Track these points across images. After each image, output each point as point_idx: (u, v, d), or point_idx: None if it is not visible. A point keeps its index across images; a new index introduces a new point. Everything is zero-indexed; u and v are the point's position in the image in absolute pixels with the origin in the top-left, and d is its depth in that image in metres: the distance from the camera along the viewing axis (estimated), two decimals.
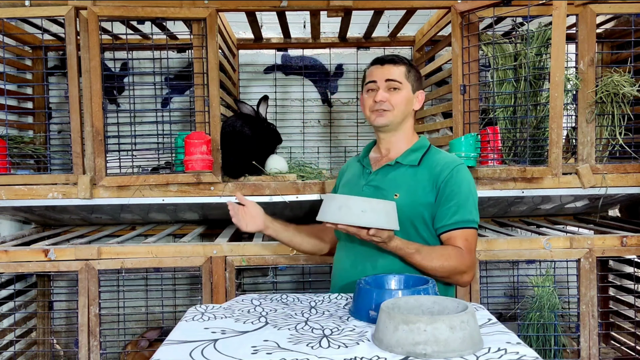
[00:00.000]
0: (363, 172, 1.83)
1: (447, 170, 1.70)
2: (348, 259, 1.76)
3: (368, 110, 1.78)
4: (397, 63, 1.77)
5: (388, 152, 1.82)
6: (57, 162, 2.81)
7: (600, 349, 2.39)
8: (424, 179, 1.71)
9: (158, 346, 1.26)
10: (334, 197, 1.51)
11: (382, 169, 1.78)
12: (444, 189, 1.68)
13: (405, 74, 1.76)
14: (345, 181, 1.90)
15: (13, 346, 2.55)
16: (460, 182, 1.69)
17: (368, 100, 1.78)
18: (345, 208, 1.47)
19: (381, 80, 1.75)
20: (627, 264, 2.86)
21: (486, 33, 2.52)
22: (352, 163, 1.95)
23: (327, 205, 1.51)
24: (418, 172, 1.74)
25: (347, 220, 1.47)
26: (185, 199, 2.39)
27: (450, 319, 1.13)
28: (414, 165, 1.75)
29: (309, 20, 2.99)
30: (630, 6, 2.40)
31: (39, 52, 2.95)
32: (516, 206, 2.81)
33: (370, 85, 1.77)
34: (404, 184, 1.72)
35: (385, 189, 1.73)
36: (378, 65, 1.78)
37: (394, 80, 1.74)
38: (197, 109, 2.37)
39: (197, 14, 2.33)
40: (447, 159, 1.75)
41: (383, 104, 1.73)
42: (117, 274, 2.75)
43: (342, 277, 1.77)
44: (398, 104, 1.74)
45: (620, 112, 2.42)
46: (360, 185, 1.79)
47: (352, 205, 1.47)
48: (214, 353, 1.17)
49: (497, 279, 3.29)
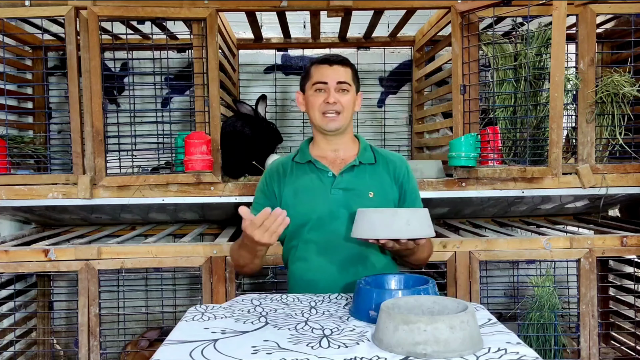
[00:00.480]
0: (322, 175, 1.78)
1: (403, 167, 1.83)
2: (333, 264, 1.73)
3: (317, 112, 1.75)
4: (345, 65, 1.77)
5: (337, 152, 1.81)
6: (57, 162, 2.81)
7: (600, 349, 2.39)
8: (385, 175, 1.79)
9: (158, 346, 1.26)
10: (375, 213, 1.51)
11: (348, 170, 1.77)
12: (406, 185, 1.80)
13: (352, 75, 1.78)
14: (301, 187, 1.78)
15: (13, 346, 2.55)
16: (413, 177, 1.85)
17: (317, 101, 1.75)
18: (390, 222, 1.47)
19: (333, 81, 1.74)
20: (627, 264, 2.86)
21: (486, 33, 2.52)
22: (289, 164, 1.84)
23: (366, 221, 1.50)
24: (378, 169, 1.80)
25: (394, 235, 1.47)
26: (185, 199, 2.39)
27: (450, 319, 1.13)
28: (372, 164, 1.80)
29: (309, 20, 3.00)
30: (630, 6, 2.40)
31: (39, 52, 2.95)
32: (516, 206, 2.81)
33: (319, 86, 1.75)
34: (374, 183, 1.77)
35: (358, 189, 1.75)
36: (327, 65, 1.75)
37: (345, 82, 1.75)
38: (197, 109, 2.37)
39: (197, 14, 2.33)
40: (393, 154, 1.88)
41: (335, 105, 1.73)
42: (117, 274, 2.75)
43: (330, 285, 1.71)
44: (347, 106, 1.76)
45: (620, 112, 2.42)
46: (325, 188, 1.76)
47: (397, 218, 1.47)
48: (214, 353, 1.17)
49: (497, 279, 3.29)
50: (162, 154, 2.52)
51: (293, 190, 1.79)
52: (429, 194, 2.44)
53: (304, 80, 1.82)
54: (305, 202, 1.76)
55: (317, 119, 1.77)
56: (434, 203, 2.72)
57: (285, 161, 1.87)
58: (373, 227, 1.48)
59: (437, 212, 2.93)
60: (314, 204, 1.74)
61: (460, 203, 2.69)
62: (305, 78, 1.82)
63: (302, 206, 1.75)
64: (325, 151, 1.82)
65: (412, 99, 3.42)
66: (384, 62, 3.47)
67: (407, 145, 3.51)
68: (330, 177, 1.77)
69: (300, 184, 1.79)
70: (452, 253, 2.30)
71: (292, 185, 1.80)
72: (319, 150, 1.83)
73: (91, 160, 2.33)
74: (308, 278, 1.75)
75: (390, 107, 3.52)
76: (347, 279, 1.71)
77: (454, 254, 2.30)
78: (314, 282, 1.74)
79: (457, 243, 2.31)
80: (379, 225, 1.47)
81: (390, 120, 3.51)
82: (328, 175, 1.77)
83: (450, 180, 2.42)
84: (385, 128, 3.50)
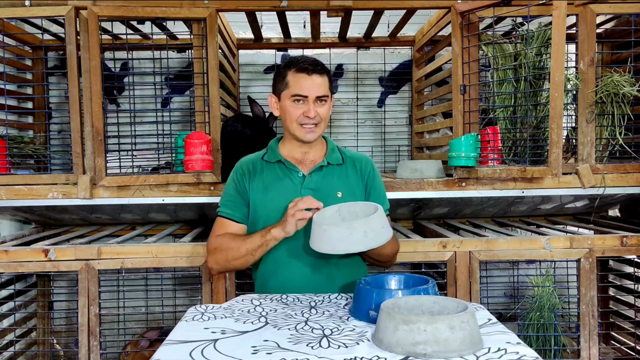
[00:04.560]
0: (292, 175, 1.80)
1: (368, 166, 1.88)
2: (306, 265, 1.75)
3: (295, 123, 1.76)
4: (323, 73, 1.76)
5: (307, 153, 1.83)
6: (57, 162, 2.81)
7: (600, 349, 2.38)
8: (353, 175, 1.83)
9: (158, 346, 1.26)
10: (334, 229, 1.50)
11: (317, 171, 1.80)
12: (371, 183, 1.85)
13: (328, 84, 1.78)
14: (270, 186, 1.80)
15: (13, 346, 2.54)
16: (379, 176, 1.89)
17: (295, 112, 1.75)
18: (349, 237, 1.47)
19: (312, 95, 1.73)
20: (627, 264, 2.86)
21: (486, 33, 2.52)
22: (258, 163, 1.86)
23: (326, 234, 1.50)
24: (346, 169, 1.83)
25: (353, 249, 1.48)
26: (185, 199, 2.39)
27: (450, 319, 1.13)
28: (340, 164, 1.84)
29: (309, 20, 3.00)
30: (630, 6, 2.40)
31: (39, 52, 2.95)
32: (516, 206, 2.81)
33: (298, 98, 1.74)
34: (342, 183, 1.80)
35: (326, 189, 1.77)
36: (305, 74, 1.73)
37: (325, 96, 1.76)
38: (197, 109, 2.37)
39: (197, 14, 2.33)
40: (360, 154, 1.93)
41: (314, 118, 1.75)
42: (117, 274, 2.75)
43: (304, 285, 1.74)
44: (325, 117, 1.78)
45: (620, 112, 2.42)
46: (295, 188, 1.78)
47: (355, 232, 1.47)
48: (214, 353, 1.17)
49: (497, 279, 3.29)
50: (162, 154, 2.52)
51: (262, 188, 1.81)
52: (429, 194, 2.44)
53: (279, 85, 1.79)
54: (276, 201, 1.77)
55: (294, 129, 1.77)
56: (434, 203, 2.72)
57: (254, 159, 1.88)
58: (332, 242, 1.49)
59: (437, 212, 2.93)
60: (285, 203, 1.71)
61: (460, 203, 2.70)
62: (280, 83, 1.78)
63: (272, 204, 1.77)
64: (295, 152, 1.84)
65: (412, 99, 3.42)
66: (384, 62, 3.47)
67: (407, 145, 3.51)
68: (300, 177, 1.80)
69: (269, 183, 1.80)
70: (452, 253, 2.30)
71: (261, 184, 1.81)
72: (289, 151, 1.84)
73: (91, 160, 2.33)
74: (280, 278, 1.77)
75: (390, 107, 3.52)
76: (321, 280, 1.75)
77: (454, 254, 2.30)
78: (285, 281, 1.76)
79: (457, 243, 2.31)
80: (337, 240, 1.48)
81: (390, 120, 3.51)
82: (298, 175, 1.80)
83: (450, 180, 2.42)
84: (385, 128, 3.51)
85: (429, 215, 3.01)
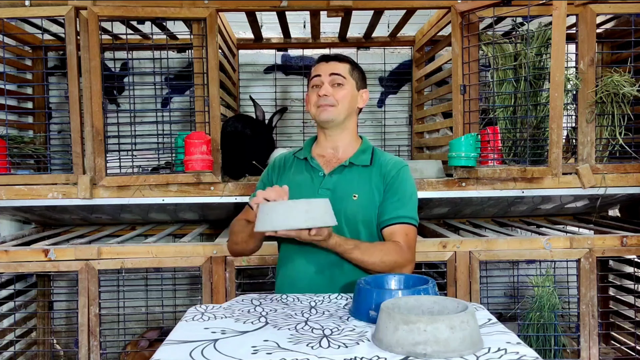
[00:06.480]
0: (314, 174, 1.78)
1: (394, 170, 1.76)
2: (311, 264, 1.72)
3: (313, 106, 1.76)
4: (342, 60, 1.78)
5: (336, 151, 1.81)
6: (57, 162, 2.81)
7: (600, 349, 2.39)
8: (377, 179, 1.75)
9: (158, 346, 1.26)
10: (273, 205, 1.47)
11: (337, 171, 1.76)
12: (390, 185, 1.73)
13: (349, 70, 1.78)
14: (293, 183, 1.77)
15: (13, 346, 2.54)
16: (405, 181, 1.75)
17: (312, 96, 1.76)
18: (287, 213, 1.43)
19: (325, 74, 1.75)
20: (627, 264, 2.86)
21: (486, 33, 2.52)
22: (290, 159, 1.86)
23: (265, 213, 1.47)
24: (371, 172, 1.76)
25: (291, 225, 1.43)
26: (185, 199, 2.39)
27: (450, 319, 1.13)
28: (367, 166, 1.77)
29: (309, 20, 3.00)
30: (630, 6, 2.40)
31: (39, 52, 2.95)
32: (516, 206, 2.81)
33: (314, 81, 1.76)
34: (362, 185, 1.74)
35: (343, 190, 1.73)
36: (323, 62, 1.78)
37: (338, 75, 1.75)
38: (197, 109, 2.37)
39: (197, 14, 2.33)
40: (395, 159, 1.81)
41: (327, 98, 1.73)
42: (117, 274, 2.75)
43: (307, 284, 1.72)
44: (342, 100, 1.74)
45: (620, 112, 2.42)
46: (314, 188, 1.76)
47: (294, 209, 1.43)
48: (214, 353, 1.17)
49: (497, 279, 3.29)
50: (162, 154, 2.52)
51: (287, 183, 1.78)
52: (429, 194, 2.44)
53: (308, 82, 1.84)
54: (292, 198, 1.75)
55: (312, 112, 1.78)
56: (434, 203, 2.72)
57: (288, 155, 1.89)
58: (271, 220, 1.45)
59: (437, 212, 2.93)
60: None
61: (460, 203, 2.70)
62: (308, 78, 1.83)
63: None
64: (325, 149, 1.82)
65: (412, 99, 3.42)
66: (384, 62, 3.47)
67: (407, 145, 3.51)
68: (320, 177, 1.77)
69: (294, 181, 1.79)
70: (452, 253, 2.30)
71: (287, 179, 1.81)
72: (320, 149, 1.83)
73: (91, 160, 2.33)
74: (290, 277, 1.77)
75: (390, 107, 3.52)
76: (323, 282, 1.71)
77: (454, 254, 2.30)
78: (295, 277, 1.75)
79: (457, 243, 2.31)
80: (276, 217, 1.44)
81: (390, 120, 3.51)
82: (319, 175, 1.78)
83: (450, 180, 2.42)
84: (385, 128, 3.50)
85: (429, 215, 3.01)
